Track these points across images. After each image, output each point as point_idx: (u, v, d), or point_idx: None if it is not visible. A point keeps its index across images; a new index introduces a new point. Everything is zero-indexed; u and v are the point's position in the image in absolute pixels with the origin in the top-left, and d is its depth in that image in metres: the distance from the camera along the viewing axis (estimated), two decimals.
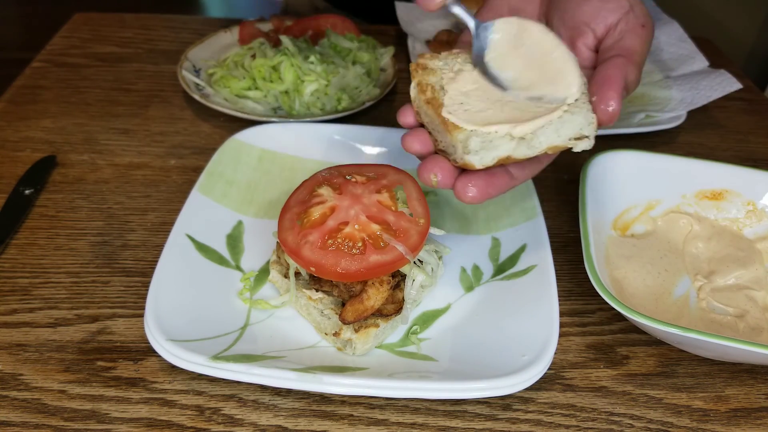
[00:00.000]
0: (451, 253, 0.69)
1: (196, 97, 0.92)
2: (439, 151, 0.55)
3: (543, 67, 0.56)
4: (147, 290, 0.59)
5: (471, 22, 0.59)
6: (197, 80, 0.97)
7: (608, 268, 0.68)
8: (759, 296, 0.67)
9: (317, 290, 0.60)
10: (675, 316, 0.65)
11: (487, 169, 0.52)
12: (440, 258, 0.66)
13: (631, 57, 0.55)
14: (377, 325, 0.58)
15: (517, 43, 0.57)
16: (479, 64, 0.58)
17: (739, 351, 0.55)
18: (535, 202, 0.72)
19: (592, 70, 0.56)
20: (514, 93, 0.55)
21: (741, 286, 0.68)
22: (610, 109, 0.53)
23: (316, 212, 0.60)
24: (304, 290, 0.61)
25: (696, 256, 0.72)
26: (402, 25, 1.13)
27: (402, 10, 1.16)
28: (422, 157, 0.55)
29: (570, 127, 0.52)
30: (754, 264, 0.70)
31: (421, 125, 0.57)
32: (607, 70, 0.54)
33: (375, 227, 0.58)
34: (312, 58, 0.96)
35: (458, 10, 0.58)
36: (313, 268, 0.57)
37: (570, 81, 0.54)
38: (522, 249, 0.68)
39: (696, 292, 0.68)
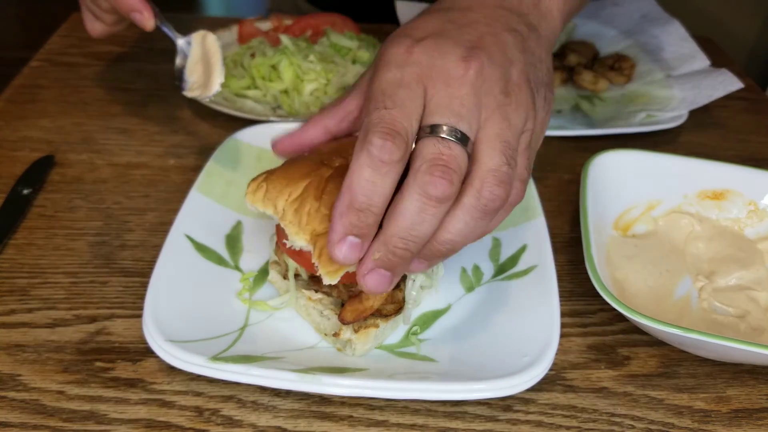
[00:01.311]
0: None
1: None
2: None
3: (208, 68, 0.71)
4: (145, 290, 0.58)
5: (176, 39, 0.75)
6: None
7: (609, 269, 0.68)
8: (761, 297, 0.67)
9: (317, 291, 0.60)
10: (676, 316, 0.64)
11: None
12: None
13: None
14: (377, 326, 0.58)
15: (203, 51, 0.72)
16: (176, 76, 0.73)
17: (740, 351, 0.54)
18: (535, 202, 0.72)
19: None
20: None
21: (742, 287, 0.68)
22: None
23: None
24: (303, 291, 0.61)
25: (697, 256, 0.72)
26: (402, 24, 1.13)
27: (402, 10, 1.15)
28: None
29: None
30: (755, 264, 0.70)
31: None
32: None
33: None
34: (311, 57, 0.96)
35: (166, 30, 0.76)
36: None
37: (215, 78, 0.71)
38: (522, 249, 0.68)
39: (697, 292, 0.67)
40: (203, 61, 0.71)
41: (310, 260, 0.53)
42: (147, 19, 0.74)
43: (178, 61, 0.72)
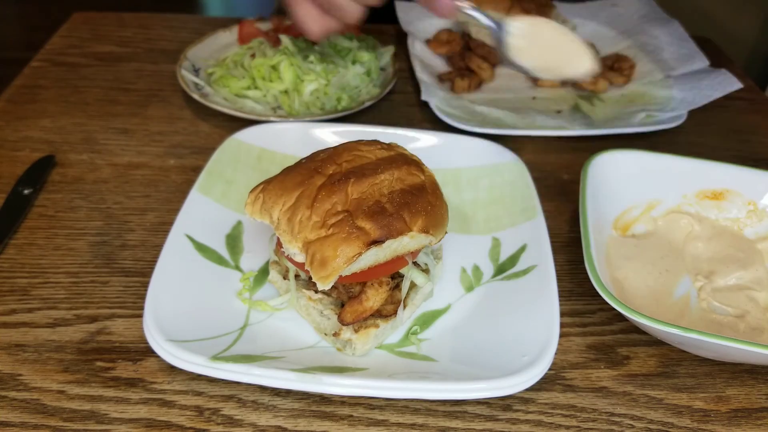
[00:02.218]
0: (451, 253, 0.69)
1: (196, 96, 0.92)
2: None
3: (560, 52, 0.66)
4: (146, 290, 0.58)
5: (491, 24, 0.67)
6: (196, 80, 0.97)
7: (609, 269, 0.68)
8: (760, 297, 0.67)
9: (317, 291, 0.60)
10: (676, 316, 0.64)
11: None
12: (438, 259, 0.66)
13: None
14: (377, 326, 0.58)
15: (530, 38, 0.67)
16: (505, 59, 0.66)
17: (739, 351, 0.54)
18: (535, 202, 0.72)
19: None
20: None
21: (742, 287, 0.68)
22: None
23: None
24: (303, 290, 0.61)
25: (696, 256, 0.72)
26: (402, 24, 1.13)
27: (402, 10, 1.15)
28: None
29: None
30: (754, 264, 0.70)
31: None
32: None
33: None
34: (311, 58, 0.96)
35: (475, 13, 0.65)
36: None
37: (583, 59, 0.66)
38: (522, 249, 0.68)
39: (697, 292, 0.67)
40: (539, 46, 0.69)
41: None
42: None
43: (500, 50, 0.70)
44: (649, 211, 0.75)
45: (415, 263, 0.62)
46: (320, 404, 0.55)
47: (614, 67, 1.06)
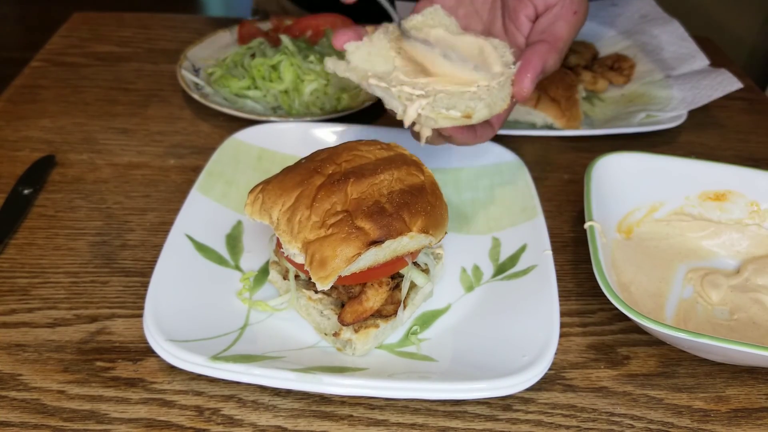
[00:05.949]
0: (451, 253, 0.68)
1: (196, 96, 0.92)
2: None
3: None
4: (146, 290, 0.58)
5: (393, 14, 0.72)
6: (196, 80, 0.97)
7: (615, 273, 0.67)
8: (765, 299, 0.66)
9: (317, 291, 0.60)
10: (682, 318, 0.64)
11: None
12: (438, 259, 0.66)
13: (555, 44, 0.64)
14: (377, 326, 0.58)
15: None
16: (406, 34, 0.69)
17: (751, 356, 0.54)
18: (535, 202, 0.72)
19: (525, 41, 0.66)
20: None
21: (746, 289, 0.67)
22: (525, 90, 0.61)
23: None
24: (303, 290, 0.61)
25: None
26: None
27: (402, 10, 1.15)
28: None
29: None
30: None
31: None
32: (530, 55, 0.62)
33: None
34: (311, 58, 0.96)
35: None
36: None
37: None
38: (522, 249, 0.68)
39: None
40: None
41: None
42: None
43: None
44: (652, 213, 0.75)
45: (415, 263, 0.62)
46: (320, 404, 0.55)
47: (614, 67, 1.06)
